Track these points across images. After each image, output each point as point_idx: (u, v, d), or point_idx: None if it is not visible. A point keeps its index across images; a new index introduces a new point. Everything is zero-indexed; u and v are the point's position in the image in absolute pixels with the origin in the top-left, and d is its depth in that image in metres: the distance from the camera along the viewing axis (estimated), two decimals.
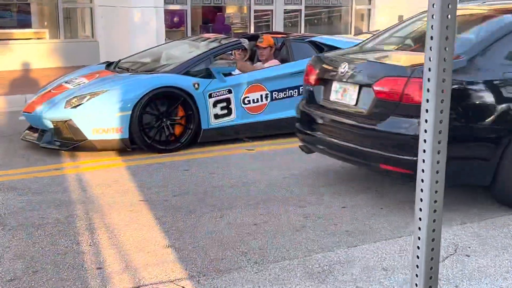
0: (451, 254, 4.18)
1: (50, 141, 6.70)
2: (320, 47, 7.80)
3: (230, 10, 14.92)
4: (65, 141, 6.64)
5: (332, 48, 7.72)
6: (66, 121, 6.56)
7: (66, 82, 7.41)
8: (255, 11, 14.68)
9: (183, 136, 6.86)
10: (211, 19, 14.62)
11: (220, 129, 7.07)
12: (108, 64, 8.01)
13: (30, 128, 7.07)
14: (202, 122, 6.89)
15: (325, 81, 5.47)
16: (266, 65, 7.57)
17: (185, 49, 7.89)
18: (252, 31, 14.58)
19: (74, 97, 6.68)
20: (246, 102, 7.14)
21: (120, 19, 12.78)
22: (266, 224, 4.76)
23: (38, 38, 13.13)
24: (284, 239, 4.46)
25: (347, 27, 16.28)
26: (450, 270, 3.93)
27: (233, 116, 7.10)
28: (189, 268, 3.99)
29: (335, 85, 5.29)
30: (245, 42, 7.76)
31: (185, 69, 6.98)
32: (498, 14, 5.56)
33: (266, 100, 7.26)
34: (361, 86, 4.99)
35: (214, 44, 7.55)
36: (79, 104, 6.55)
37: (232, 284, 3.76)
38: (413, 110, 4.40)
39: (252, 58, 7.99)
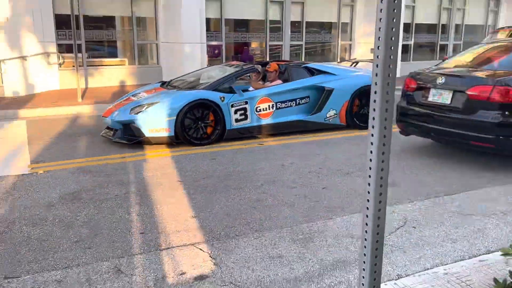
0: (401, 226, 3.81)
1: (120, 137, 6.46)
2: (311, 71, 7.41)
3: (253, 45, 14.53)
4: (130, 137, 6.39)
5: (319, 71, 7.38)
6: (131, 123, 6.32)
7: (132, 96, 7.17)
8: (270, 45, 14.30)
9: (213, 134, 6.55)
10: (240, 51, 14.28)
11: (239, 129, 6.73)
12: (163, 83, 7.71)
13: (107, 128, 6.83)
14: (226, 124, 6.58)
15: (422, 88, 5.86)
16: (272, 84, 7.20)
17: (217, 72, 7.55)
18: (268, 59, 14.23)
19: (136, 106, 6.43)
20: (258, 110, 6.80)
21: (176, 51, 12.50)
22: (266, 200, 4.42)
23: (121, 65, 12.91)
24: (277, 213, 4.11)
25: (334, 56, 15.77)
26: (400, 239, 3.56)
27: (249, 120, 6.76)
28: (206, 234, 3.68)
29: (432, 91, 5.69)
30: (259, 67, 7.44)
31: (215, 86, 6.67)
32: None
33: (273, 108, 6.90)
34: (454, 91, 5.44)
35: (237, 69, 7.18)
36: (140, 111, 6.31)
37: (237, 247, 3.45)
38: (496, 107, 5.05)
39: (264, 79, 7.62)
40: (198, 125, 6.46)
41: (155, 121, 6.25)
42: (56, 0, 11.42)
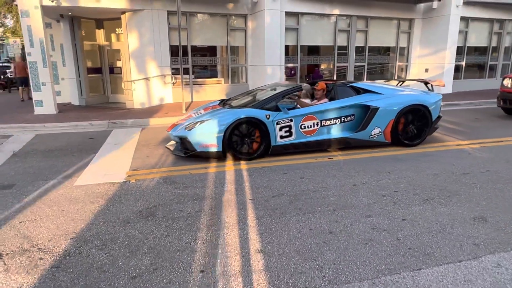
0: None
1: (179, 150, 5.21)
2: (357, 90, 5.56)
3: (323, 66, 12.82)
4: (186, 151, 5.12)
5: (365, 90, 5.52)
6: (185, 138, 5.05)
7: (194, 113, 5.87)
8: (338, 66, 12.49)
9: (258, 150, 5.07)
10: (312, 71, 12.66)
11: (284, 145, 5.17)
12: (221, 101, 6.28)
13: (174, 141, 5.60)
14: (271, 140, 5.09)
15: None
16: (319, 102, 5.53)
17: (269, 91, 5.93)
18: (335, 78, 12.48)
19: (190, 123, 5.14)
20: (302, 127, 5.20)
21: (260, 72, 11.28)
22: (340, 233, 2.92)
23: (218, 83, 11.95)
24: (354, 253, 2.60)
25: (392, 76, 13.53)
26: None
27: (293, 137, 5.18)
28: (271, 282, 2.29)
29: None
30: (308, 87, 5.77)
31: (261, 105, 5.16)
32: None
33: (317, 126, 5.26)
34: None
35: (284, 88, 5.58)
36: (192, 128, 5.02)
37: None
38: None
39: (314, 97, 5.94)
40: (244, 141, 5.01)
41: (205, 137, 4.91)
42: (171, 34, 10.68)
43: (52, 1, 8.88)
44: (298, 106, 5.39)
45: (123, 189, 4.03)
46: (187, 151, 5.10)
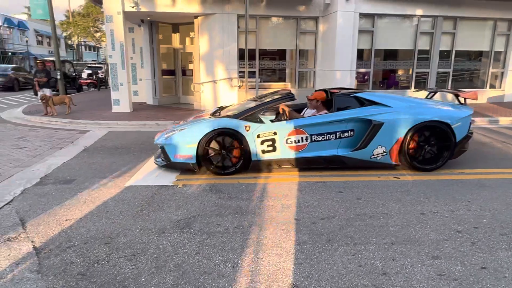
0: None
1: (160, 159, 4.83)
2: (361, 101, 4.69)
3: (400, 71, 11.72)
4: (166, 161, 4.70)
5: (371, 102, 4.64)
6: (163, 147, 4.68)
7: (182, 121, 5.46)
8: (416, 72, 11.30)
9: (236, 164, 4.57)
10: (387, 77, 11.65)
11: (266, 161, 4.60)
12: (218, 108, 5.60)
13: None
14: (252, 155, 4.53)
15: None
16: (318, 114, 4.83)
17: (262, 100, 5.08)
18: (413, 86, 11.30)
19: (171, 131, 4.74)
20: (288, 142, 4.55)
21: (328, 77, 10.70)
22: (395, 276, 2.39)
23: (285, 88, 11.70)
24: None
25: (483, 83, 11.82)
26: None
27: (277, 152, 4.57)
28: None
29: None
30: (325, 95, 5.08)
31: (241, 115, 4.60)
32: None
33: (307, 141, 4.55)
34: None
35: (274, 97, 4.97)
36: (169, 137, 4.64)
37: None
38: None
39: (329, 106, 5.04)
40: (221, 153, 4.53)
41: (179, 147, 4.52)
42: (240, 37, 10.71)
43: (133, 7, 9.49)
44: (286, 118, 4.72)
45: (168, 193, 3.96)
46: (167, 161, 4.71)
